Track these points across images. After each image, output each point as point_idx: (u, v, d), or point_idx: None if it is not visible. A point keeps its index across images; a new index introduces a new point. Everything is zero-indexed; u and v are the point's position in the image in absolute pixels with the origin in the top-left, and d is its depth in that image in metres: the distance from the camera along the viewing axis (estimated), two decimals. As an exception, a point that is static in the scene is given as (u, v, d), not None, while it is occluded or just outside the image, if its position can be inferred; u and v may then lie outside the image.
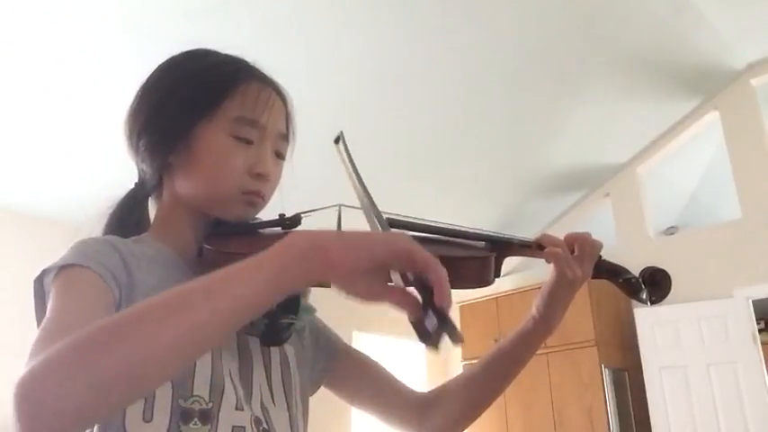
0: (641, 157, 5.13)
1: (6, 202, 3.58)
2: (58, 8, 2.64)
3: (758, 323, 4.39)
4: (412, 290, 0.54)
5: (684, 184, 5.79)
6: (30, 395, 0.45)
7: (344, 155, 0.77)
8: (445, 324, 0.50)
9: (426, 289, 0.52)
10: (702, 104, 4.87)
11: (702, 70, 4.49)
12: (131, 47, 2.83)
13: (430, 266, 0.53)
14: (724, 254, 4.54)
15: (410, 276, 0.54)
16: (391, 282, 0.56)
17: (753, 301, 4.32)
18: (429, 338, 0.51)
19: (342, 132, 0.78)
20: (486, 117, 4.18)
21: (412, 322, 0.53)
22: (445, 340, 0.51)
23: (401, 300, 0.54)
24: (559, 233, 0.88)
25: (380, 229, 0.66)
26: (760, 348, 4.22)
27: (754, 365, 4.18)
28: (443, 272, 0.53)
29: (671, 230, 5.54)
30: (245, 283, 0.51)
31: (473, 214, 4.98)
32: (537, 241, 0.86)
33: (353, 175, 0.75)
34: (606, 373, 4.43)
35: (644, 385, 4.46)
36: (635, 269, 0.93)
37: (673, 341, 4.42)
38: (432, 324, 0.51)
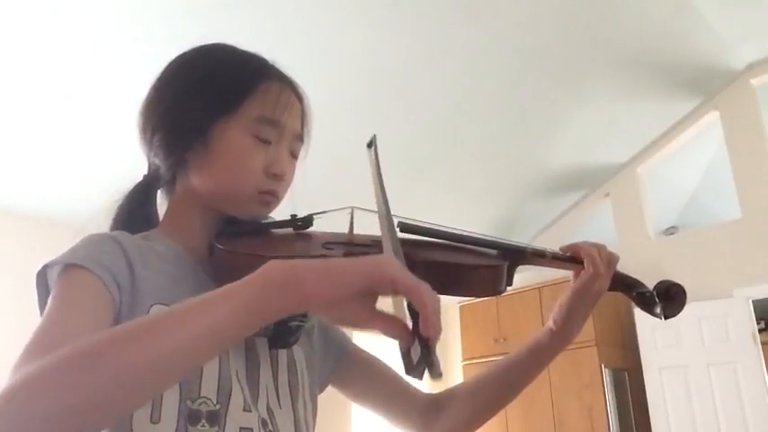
0: (641, 157, 5.13)
1: (7, 203, 3.58)
2: (61, 6, 2.64)
3: (758, 323, 4.38)
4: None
5: (684, 184, 5.79)
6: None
7: (374, 160, 0.76)
8: (427, 356, 0.48)
9: (414, 315, 0.50)
10: (702, 104, 4.87)
11: (702, 70, 4.49)
12: (134, 46, 2.83)
13: (413, 293, 0.50)
14: (724, 254, 4.54)
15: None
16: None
17: (753, 301, 4.32)
18: (412, 369, 0.49)
19: (375, 136, 0.77)
20: (486, 117, 4.19)
21: (399, 350, 0.52)
22: (425, 373, 0.49)
23: (389, 327, 0.53)
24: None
25: (391, 245, 0.64)
26: (760, 348, 4.22)
27: (754, 365, 4.18)
28: (430, 297, 0.50)
29: (671, 230, 5.54)
30: (217, 311, 0.50)
31: (473, 214, 4.98)
32: (564, 249, 0.85)
33: (377, 182, 0.73)
34: (606, 373, 4.43)
35: (644, 385, 4.46)
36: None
37: (673, 341, 4.42)
38: (416, 354, 0.49)
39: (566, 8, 3.53)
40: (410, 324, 0.51)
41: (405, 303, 0.52)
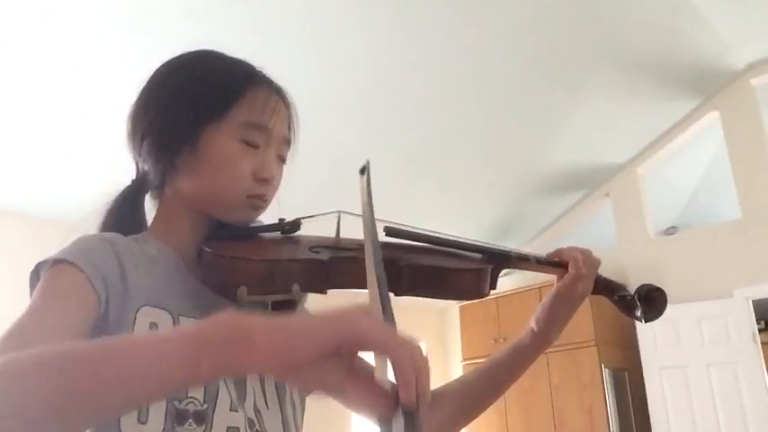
0: (641, 157, 5.13)
1: (6, 202, 3.58)
2: (59, 6, 2.64)
3: (758, 323, 4.38)
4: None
5: (684, 184, 5.80)
6: None
7: (365, 187, 0.77)
8: (412, 429, 0.39)
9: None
10: (702, 104, 4.87)
11: (702, 70, 4.49)
12: (133, 47, 2.83)
13: (389, 350, 0.43)
14: (724, 254, 4.54)
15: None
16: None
17: (753, 301, 4.32)
18: None
19: (368, 162, 0.78)
20: (486, 117, 4.19)
21: (378, 420, 0.44)
22: None
23: (363, 393, 0.46)
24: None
25: (375, 269, 0.58)
26: (760, 348, 4.22)
27: (754, 365, 4.18)
28: (410, 356, 0.42)
29: (671, 230, 5.54)
30: (149, 361, 0.44)
31: (473, 214, 4.98)
32: (552, 254, 0.87)
33: (367, 209, 0.74)
34: (606, 373, 4.43)
35: (644, 385, 4.46)
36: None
37: (673, 341, 4.42)
38: (399, 428, 0.40)
39: (566, 9, 3.53)
40: (391, 388, 0.43)
41: (387, 362, 0.43)
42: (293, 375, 0.45)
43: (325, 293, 0.70)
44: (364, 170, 0.75)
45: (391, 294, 0.57)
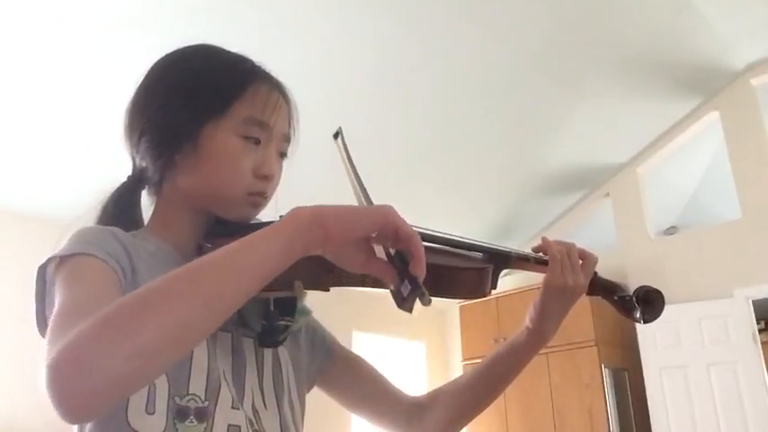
0: (641, 157, 5.13)
1: (6, 202, 3.58)
2: (59, 5, 2.64)
3: (758, 323, 4.39)
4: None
5: (684, 184, 5.79)
6: (66, 374, 0.46)
7: (343, 150, 0.78)
8: (417, 289, 0.57)
9: (404, 261, 0.59)
10: (702, 104, 4.87)
11: (702, 70, 4.49)
12: (134, 45, 2.83)
13: (412, 239, 0.59)
14: (724, 254, 4.54)
15: (391, 251, 0.61)
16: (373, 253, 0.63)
17: (753, 301, 4.32)
18: (404, 303, 0.58)
19: (340, 128, 0.79)
20: (486, 117, 4.19)
21: (390, 290, 0.60)
22: (417, 303, 0.58)
23: (383, 269, 0.61)
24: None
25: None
26: (760, 348, 4.22)
27: (754, 365, 4.18)
28: (422, 245, 0.59)
29: (671, 230, 5.55)
30: (261, 251, 0.56)
31: (473, 214, 4.98)
32: (535, 248, 0.87)
33: (351, 171, 0.75)
34: (606, 373, 4.43)
35: (644, 385, 4.46)
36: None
37: (673, 341, 4.42)
38: (406, 290, 0.58)
39: (566, 8, 3.53)
40: (398, 269, 0.60)
41: (392, 252, 0.61)
42: (341, 252, 0.61)
43: (328, 291, 0.70)
44: (338, 135, 0.81)
45: None
